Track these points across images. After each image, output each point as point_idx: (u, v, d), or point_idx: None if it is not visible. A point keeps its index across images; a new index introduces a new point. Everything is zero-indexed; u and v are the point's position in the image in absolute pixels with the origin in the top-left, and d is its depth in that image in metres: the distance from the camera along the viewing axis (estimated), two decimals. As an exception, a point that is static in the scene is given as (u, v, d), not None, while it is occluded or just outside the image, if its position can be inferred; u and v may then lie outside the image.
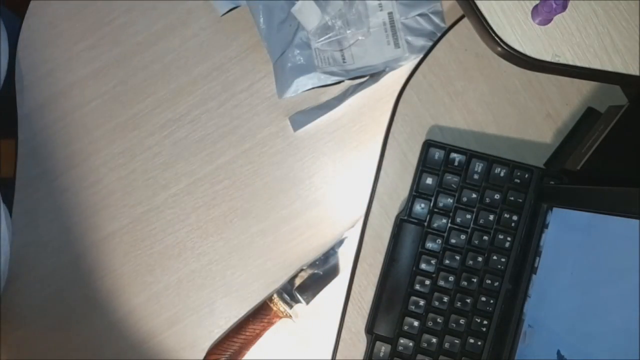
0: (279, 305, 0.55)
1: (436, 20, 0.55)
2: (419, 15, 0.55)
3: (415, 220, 0.53)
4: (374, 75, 0.56)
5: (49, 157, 0.56)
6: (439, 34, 0.55)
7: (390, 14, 0.55)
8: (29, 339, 0.57)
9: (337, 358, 0.55)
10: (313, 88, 0.56)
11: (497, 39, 0.47)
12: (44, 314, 0.57)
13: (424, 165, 0.53)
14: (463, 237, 0.53)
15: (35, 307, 0.57)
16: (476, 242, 0.52)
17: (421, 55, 0.55)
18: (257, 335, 0.55)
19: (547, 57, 0.48)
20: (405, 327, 0.53)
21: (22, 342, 0.57)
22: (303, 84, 0.55)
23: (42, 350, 0.57)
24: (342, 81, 0.56)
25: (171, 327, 0.56)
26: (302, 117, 0.56)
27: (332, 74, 0.55)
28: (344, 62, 0.55)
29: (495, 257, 0.52)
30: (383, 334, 0.53)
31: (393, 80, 0.56)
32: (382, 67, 0.55)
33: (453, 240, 0.53)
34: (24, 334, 0.57)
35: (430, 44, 0.55)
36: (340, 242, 0.56)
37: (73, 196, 0.57)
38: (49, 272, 0.57)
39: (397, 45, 0.55)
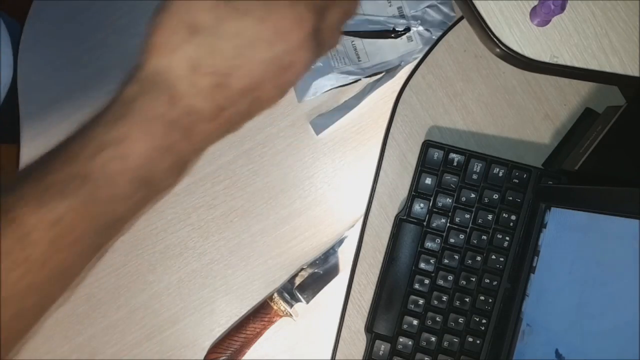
0: (279, 304, 0.55)
1: (445, 9, 0.55)
2: (428, 7, 0.55)
3: (415, 220, 0.53)
4: (390, 71, 0.56)
5: (51, 157, 0.57)
6: (449, 23, 0.55)
7: (399, 8, 0.55)
8: (29, 339, 0.57)
9: (337, 357, 0.55)
10: (332, 89, 0.56)
11: (495, 40, 0.48)
12: (44, 313, 0.57)
13: (423, 165, 0.53)
14: (462, 236, 0.53)
15: (36, 306, 0.57)
16: (475, 241, 0.53)
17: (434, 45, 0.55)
18: (258, 334, 0.55)
19: (546, 58, 0.48)
20: (405, 326, 0.53)
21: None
22: (322, 85, 0.55)
23: (42, 350, 0.57)
24: (359, 79, 0.56)
25: (172, 326, 0.57)
26: (323, 120, 0.56)
27: (349, 73, 0.55)
28: (359, 61, 0.55)
29: (494, 257, 0.52)
30: (383, 333, 0.53)
31: (392, 81, 0.57)
32: (397, 61, 0.56)
33: (452, 240, 0.53)
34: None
35: (440, 33, 0.55)
36: (340, 242, 0.56)
37: (74, 196, 0.57)
38: (51, 272, 0.57)
39: (409, 38, 0.55)
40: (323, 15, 0.30)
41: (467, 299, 0.53)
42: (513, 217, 0.53)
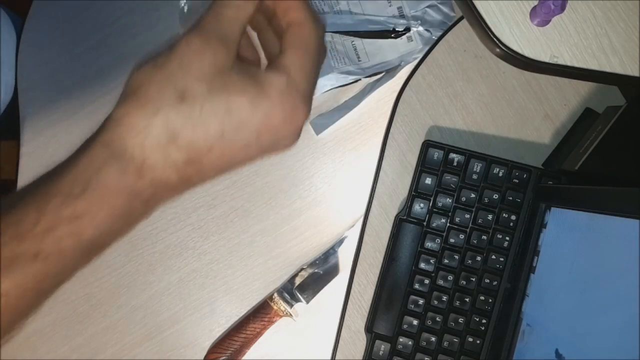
0: (279, 304, 0.55)
1: (445, 9, 0.55)
2: (428, 7, 0.55)
3: (415, 220, 0.53)
4: (390, 71, 0.56)
5: (51, 157, 0.57)
6: (449, 23, 0.55)
7: (399, 8, 0.55)
8: (29, 339, 0.57)
9: (337, 357, 0.55)
10: (332, 89, 0.56)
11: (495, 40, 0.48)
12: (44, 314, 0.57)
13: (423, 165, 0.53)
14: (462, 236, 0.53)
15: (36, 306, 0.57)
16: (475, 241, 0.53)
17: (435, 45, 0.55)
18: (258, 334, 0.55)
19: (545, 58, 0.48)
20: (405, 326, 0.53)
21: (22, 342, 0.57)
22: (322, 85, 0.55)
23: (42, 350, 0.57)
24: (359, 79, 0.56)
25: (172, 325, 0.57)
26: (323, 120, 0.56)
27: (349, 73, 0.55)
28: (359, 61, 0.55)
29: (494, 257, 0.52)
30: (383, 333, 0.53)
31: (392, 81, 0.57)
32: (397, 61, 0.56)
33: (452, 240, 0.53)
34: (24, 334, 0.57)
35: (440, 33, 0.55)
36: (340, 242, 0.56)
37: (74, 196, 0.57)
38: (51, 272, 0.57)
39: (409, 38, 0.55)
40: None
41: (467, 299, 0.53)
42: (513, 217, 0.53)
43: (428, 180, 0.53)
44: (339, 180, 0.57)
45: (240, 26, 0.29)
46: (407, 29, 0.55)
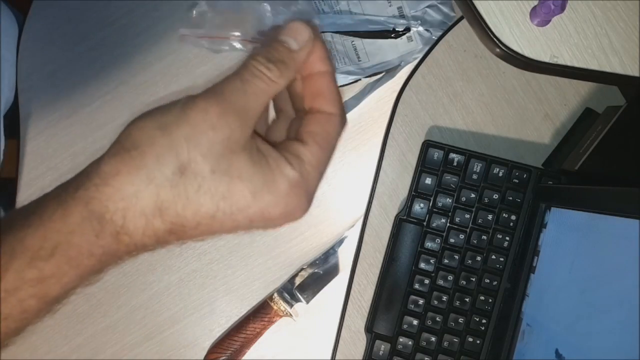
0: (279, 304, 0.55)
1: (445, 9, 0.55)
2: (428, 7, 0.55)
3: (415, 220, 0.53)
4: (390, 71, 0.56)
5: (52, 156, 0.57)
6: (449, 23, 0.55)
7: (399, 8, 0.55)
8: (29, 339, 0.57)
9: (337, 357, 0.55)
10: None
11: (495, 40, 0.48)
12: (44, 313, 0.57)
13: (423, 165, 0.53)
14: (462, 236, 0.53)
15: (36, 306, 0.57)
16: (475, 241, 0.53)
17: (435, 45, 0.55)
18: (258, 334, 0.55)
19: (546, 58, 0.48)
20: (405, 326, 0.53)
21: (22, 342, 0.57)
22: None
23: (42, 350, 0.57)
24: (359, 79, 0.56)
25: (172, 325, 0.57)
26: None
27: (348, 73, 0.55)
28: (359, 61, 0.55)
29: (494, 257, 0.52)
30: (383, 333, 0.53)
31: (392, 81, 0.57)
32: (397, 61, 0.56)
33: (452, 240, 0.53)
34: (24, 334, 0.57)
35: (440, 33, 0.55)
36: (340, 242, 0.56)
37: (74, 196, 0.57)
38: (51, 272, 0.57)
39: (409, 38, 0.55)
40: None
41: (467, 299, 0.53)
42: (513, 217, 0.52)
43: (428, 180, 0.53)
44: (339, 180, 0.57)
45: (266, 102, 0.27)
46: (407, 29, 0.55)
